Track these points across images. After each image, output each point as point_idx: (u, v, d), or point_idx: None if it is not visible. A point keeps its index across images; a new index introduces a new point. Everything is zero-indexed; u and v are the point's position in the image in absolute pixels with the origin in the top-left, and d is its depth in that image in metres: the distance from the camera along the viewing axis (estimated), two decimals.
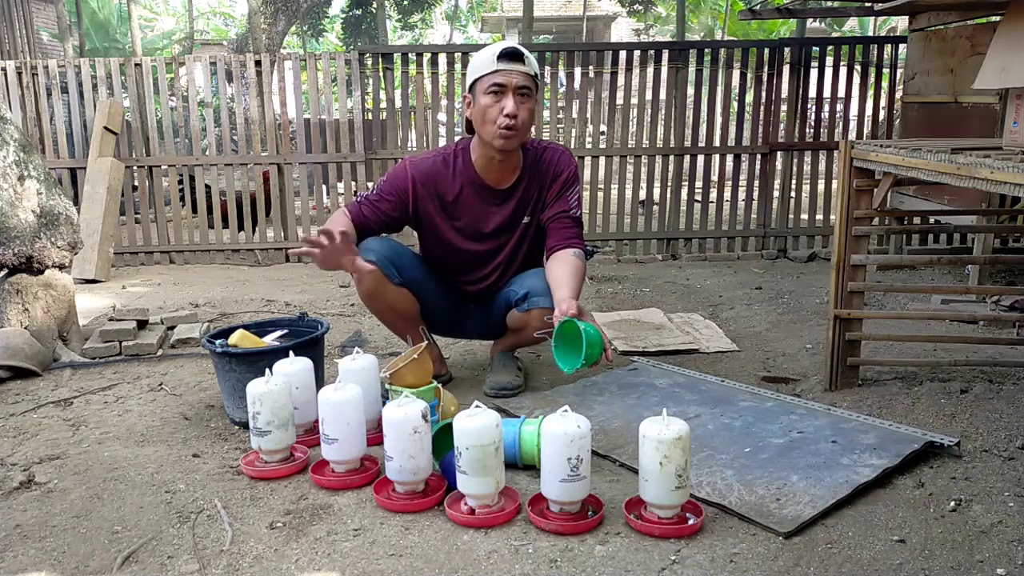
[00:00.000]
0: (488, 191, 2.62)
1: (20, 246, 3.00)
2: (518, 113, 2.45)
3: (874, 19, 12.95)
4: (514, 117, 2.44)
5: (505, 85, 2.45)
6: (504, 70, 2.45)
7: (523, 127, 2.50)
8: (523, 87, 2.46)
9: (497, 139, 2.48)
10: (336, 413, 1.98)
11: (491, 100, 2.46)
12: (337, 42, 22.48)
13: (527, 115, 2.49)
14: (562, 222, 2.60)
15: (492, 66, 2.45)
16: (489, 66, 2.46)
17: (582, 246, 2.58)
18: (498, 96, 2.46)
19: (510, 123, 2.45)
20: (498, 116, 2.45)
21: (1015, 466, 2.00)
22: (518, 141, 2.52)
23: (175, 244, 5.52)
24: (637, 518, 1.78)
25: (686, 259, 5.45)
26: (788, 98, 5.42)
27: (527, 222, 2.66)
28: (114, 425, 2.43)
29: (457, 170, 2.62)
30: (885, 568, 1.61)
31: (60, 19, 11.23)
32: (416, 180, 2.61)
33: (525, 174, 2.62)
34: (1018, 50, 2.14)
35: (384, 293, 2.61)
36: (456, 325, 2.88)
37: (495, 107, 2.46)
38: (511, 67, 2.45)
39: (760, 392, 2.59)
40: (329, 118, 5.57)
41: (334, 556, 1.68)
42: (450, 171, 2.62)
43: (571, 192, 2.63)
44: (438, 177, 2.62)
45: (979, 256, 3.67)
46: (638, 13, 17.08)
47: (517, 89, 2.45)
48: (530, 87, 2.49)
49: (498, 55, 2.45)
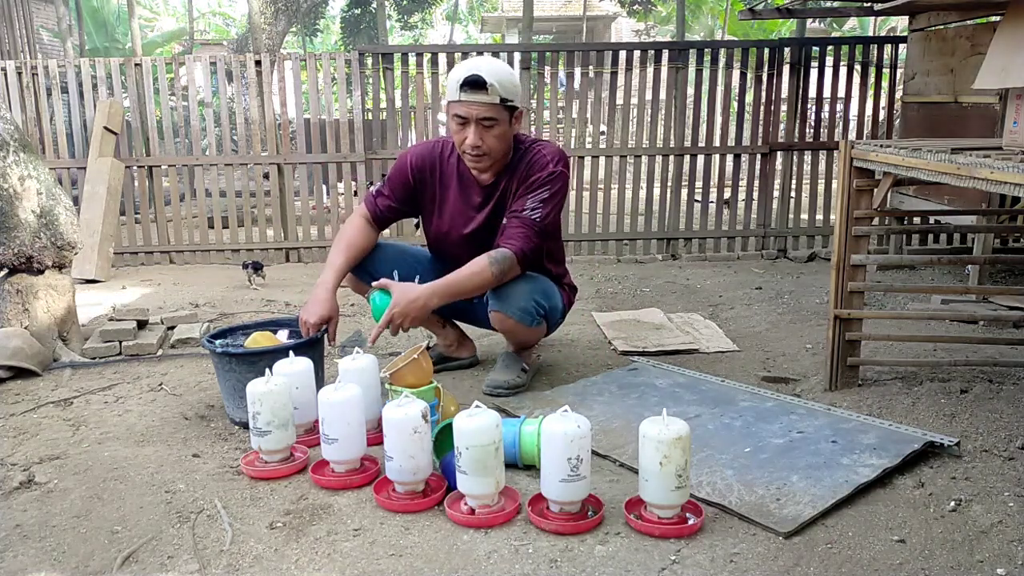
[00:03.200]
0: (474, 184, 2.64)
1: (20, 246, 3.00)
2: (482, 143, 2.45)
3: (874, 19, 12.95)
4: (478, 147, 2.45)
5: (467, 117, 2.44)
6: (465, 101, 2.41)
7: (492, 151, 2.49)
8: (486, 118, 2.42)
9: (468, 161, 2.53)
10: (336, 413, 1.98)
11: (456, 127, 2.48)
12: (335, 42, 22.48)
13: (493, 141, 2.47)
14: (511, 221, 2.52)
15: (455, 95, 2.43)
16: (453, 94, 2.44)
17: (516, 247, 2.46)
18: (462, 126, 2.46)
19: (474, 152, 2.47)
20: (463, 143, 2.47)
21: (1015, 466, 2.00)
22: (488, 163, 2.53)
23: (175, 244, 5.52)
24: (637, 518, 1.78)
25: (686, 259, 5.45)
26: (788, 98, 5.42)
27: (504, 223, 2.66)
28: (114, 425, 2.43)
29: (451, 158, 2.66)
30: (885, 568, 1.61)
31: (60, 19, 11.23)
32: (414, 164, 2.67)
33: (506, 173, 2.61)
34: (1018, 50, 2.14)
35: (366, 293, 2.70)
36: (463, 314, 2.90)
37: (460, 135, 2.48)
38: (472, 98, 2.40)
39: (760, 392, 2.59)
40: (329, 118, 5.57)
41: (334, 556, 1.68)
42: (446, 157, 2.66)
43: (535, 193, 2.51)
44: (434, 159, 2.67)
45: (979, 256, 3.67)
46: (638, 13, 17.09)
47: (480, 120, 2.42)
48: (495, 116, 2.43)
49: (460, 83, 2.40)
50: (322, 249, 5.54)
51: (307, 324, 2.46)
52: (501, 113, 2.44)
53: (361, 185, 5.45)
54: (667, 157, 5.50)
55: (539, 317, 2.60)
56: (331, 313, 2.49)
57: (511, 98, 2.45)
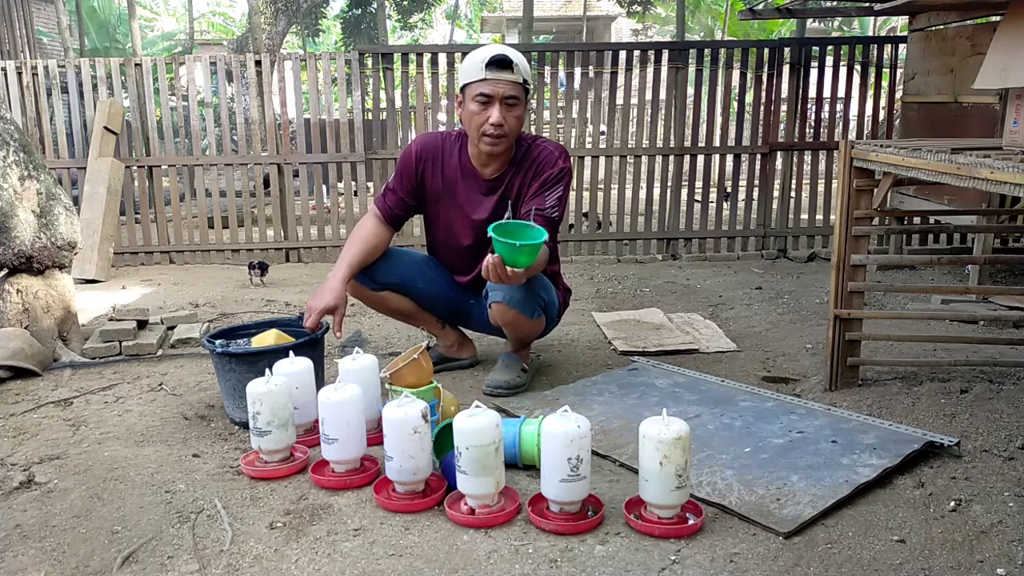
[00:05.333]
0: (477, 179, 2.65)
1: (20, 246, 3.00)
2: (504, 122, 2.47)
3: (874, 19, 12.95)
4: (500, 126, 2.47)
5: (492, 96, 2.46)
6: (491, 79, 2.45)
7: (511, 133, 2.52)
8: (510, 96, 2.47)
9: (483, 144, 2.53)
10: (336, 413, 1.98)
11: (478, 108, 2.49)
12: (335, 42, 22.48)
13: (514, 122, 2.51)
14: (534, 218, 2.53)
15: (480, 74, 2.45)
16: (477, 73, 2.46)
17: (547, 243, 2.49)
18: (485, 105, 2.47)
19: (496, 131, 2.48)
20: (484, 124, 2.48)
21: (1015, 466, 2.00)
22: (505, 145, 2.55)
23: (175, 244, 5.52)
24: (637, 518, 1.78)
25: (686, 259, 5.45)
26: (788, 98, 5.42)
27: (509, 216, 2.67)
28: (114, 425, 2.43)
29: (456, 151, 2.67)
30: (885, 568, 1.61)
31: (60, 19, 11.23)
32: (419, 153, 2.68)
33: (511, 168, 2.63)
34: (1018, 50, 2.14)
35: (369, 297, 2.77)
36: (461, 318, 2.90)
37: (482, 115, 2.48)
38: (499, 76, 2.44)
39: (760, 392, 2.59)
40: (329, 118, 5.57)
41: (334, 556, 1.68)
42: (451, 149, 2.67)
43: (551, 191, 2.56)
44: (439, 149, 2.68)
45: (979, 256, 3.67)
46: (637, 14, 17.08)
47: (504, 99, 2.46)
48: (518, 96, 2.48)
49: (486, 63, 2.44)
50: (322, 249, 5.54)
51: (313, 310, 2.49)
52: (522, 94, 2.51)
53: (361, 186, 5.45)
54: (667, 157, 5.50)
55: (539, 309, 2.61)
56: (338, 302, 2.52)
57: (529, 81, 2.53)
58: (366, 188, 5.48)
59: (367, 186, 5.48)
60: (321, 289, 2.56)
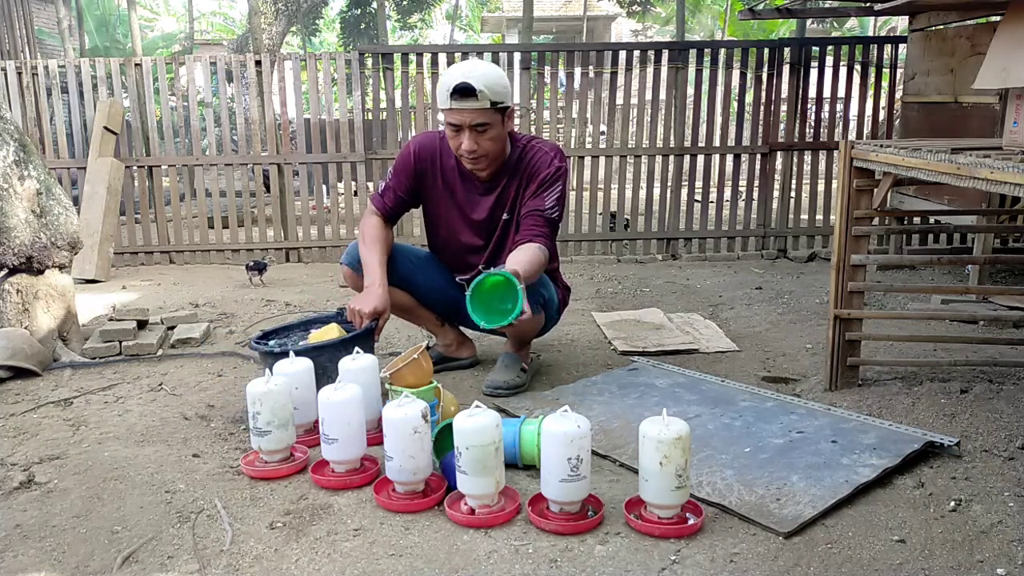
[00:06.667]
0: (473, 179, 2.65)
1: (20, 246, 3.00)
2: (477, 147, 2.47)
3: (874, 19, 12.95)
4: (473, 151, 2.48)
5: (459, 125, 2.45)
6: (456, 109, 2.43)
7: (490, 152, 2.52)
8: (478, 124, 2.44)
9: (466, 164, 2.56)
10: (336, 413, 1.98)
11: (452, 132, 2.50)
12: (335, 42, 22.48)
13: (489, 144, 2.49)
14: (534, 219, 2.54)
15: (446, 103, 2.44)
16: (444, 102, 2.45)
17: (548, 244, 2.53)
18: (457, 132, 2.48)
19: (471, 156, 2.49)
20: (459, 148, 2.50)
21: (1015, 466, 2.00)
22: (487, 163, 2.55)
23: (175, 244, 5.52)
24: (637, 518, 1.78)
25: (686, 259, 5.45)
26: (788, 98, 5.42)
27: (507, 219, 2.67)
28: (114, 425, 2.43)
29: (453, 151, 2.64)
30: (885, 568, 1.61)
31: (60, 19, 11.23)
32: (417, 152, 2.68)
33: (507, 171, 2.62)
34: (1018, 50, 2.14)
35: None
36: (460, 316, 2.89)
37: (455, 140, 2.49)
38: (463, 105, 2.41)
39: (760, 392, 2.59)
40: (329, 118, 5.57)
41: (334, 556, 1.68)
42: (448, 149, 2.65)
43: (549, 192, 2.56)
44: (436, 149, 2.67)
45: (979, 256, 3.67)
46: (637, 14, 17.08)
47: (472, 127, 2.44)
48: (487, 120, 2.45)
49: (450, 92, 2.40)
50: (322, 249, 5.54)
51: (361, 314, 2.45)
52: (493, 116, 2.46)
53: (361, 186, 5.45)
54: (667, 157, 5.50)
55: (538, 305, 2.61)
56: (385, 307, 2.51)
57: (501, 100, 2.46)
58: (366, 188, 5.48)
59: (367, 186, 5.48)
60: (366, 294, 2.52)
